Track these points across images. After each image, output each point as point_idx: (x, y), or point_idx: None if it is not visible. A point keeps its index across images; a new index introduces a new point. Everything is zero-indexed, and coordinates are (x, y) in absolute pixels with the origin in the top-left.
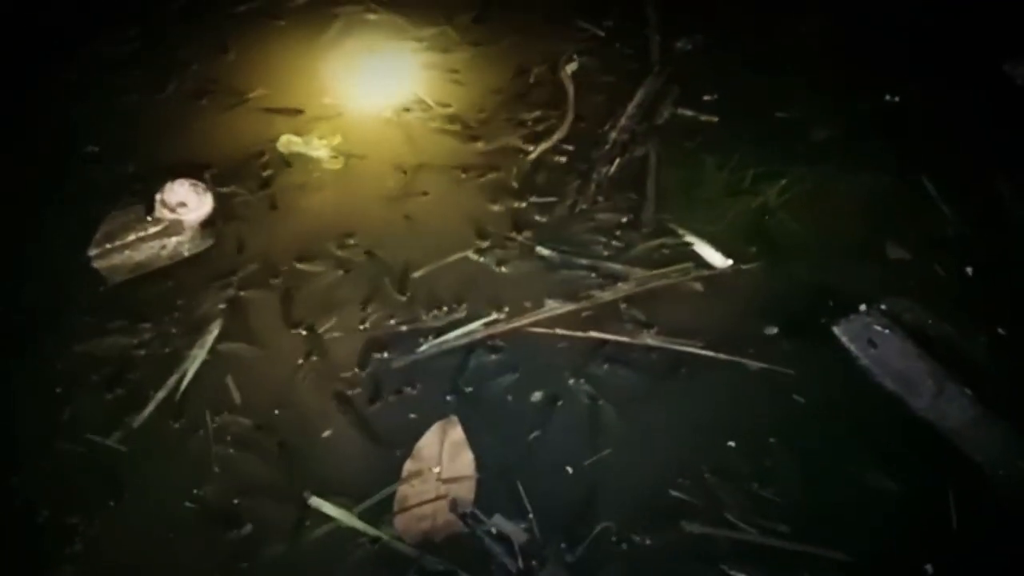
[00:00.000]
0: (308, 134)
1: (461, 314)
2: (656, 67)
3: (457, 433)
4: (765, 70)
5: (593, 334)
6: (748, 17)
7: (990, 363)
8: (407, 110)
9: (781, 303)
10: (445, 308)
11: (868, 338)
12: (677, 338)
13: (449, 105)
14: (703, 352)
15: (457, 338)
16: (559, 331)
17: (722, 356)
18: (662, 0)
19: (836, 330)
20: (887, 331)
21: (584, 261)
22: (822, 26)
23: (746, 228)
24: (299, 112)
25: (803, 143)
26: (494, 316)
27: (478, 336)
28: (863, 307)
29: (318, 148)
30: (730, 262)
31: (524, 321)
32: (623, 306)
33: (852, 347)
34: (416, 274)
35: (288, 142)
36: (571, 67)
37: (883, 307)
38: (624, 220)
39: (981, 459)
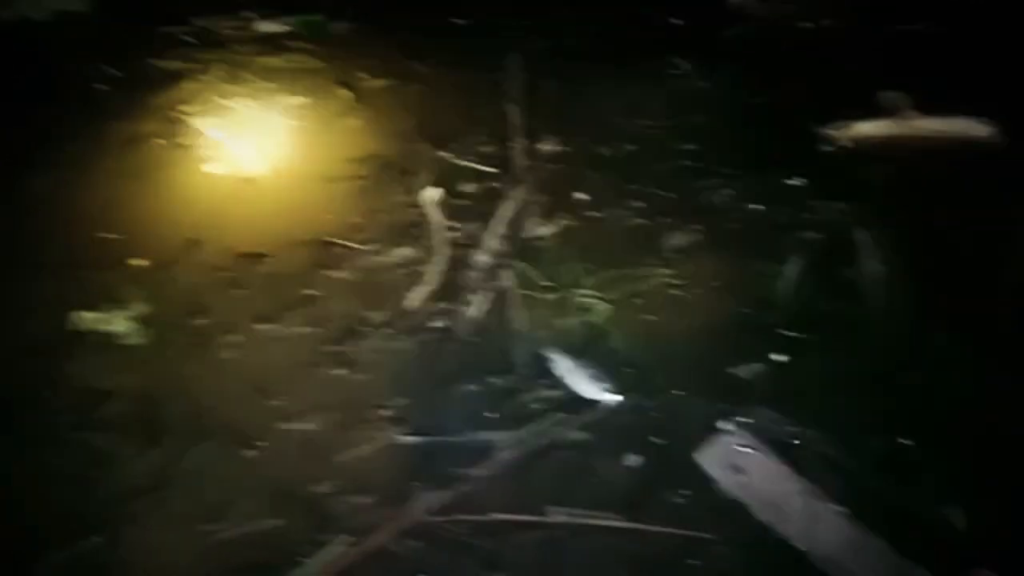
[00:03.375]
0: (106, 303)
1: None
2: (517, 175)
3: None
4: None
5: (494, 516)
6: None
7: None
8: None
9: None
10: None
11: (732, 463)
12: (589, 510)
13: (297, 257)
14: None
15: None
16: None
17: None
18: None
19: (697, 458)
20: (751, 451)
21: (454, 437)
22: None
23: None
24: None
25: (661, 252)
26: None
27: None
28: (722, 424)
29: (117, 322)
30: (615, 397)
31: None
32: (508, 480)
33: (717, 476)
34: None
35: (78, 320)
36: (431, 194)
37: (744, 420)
38: (494, 371)
39: None
